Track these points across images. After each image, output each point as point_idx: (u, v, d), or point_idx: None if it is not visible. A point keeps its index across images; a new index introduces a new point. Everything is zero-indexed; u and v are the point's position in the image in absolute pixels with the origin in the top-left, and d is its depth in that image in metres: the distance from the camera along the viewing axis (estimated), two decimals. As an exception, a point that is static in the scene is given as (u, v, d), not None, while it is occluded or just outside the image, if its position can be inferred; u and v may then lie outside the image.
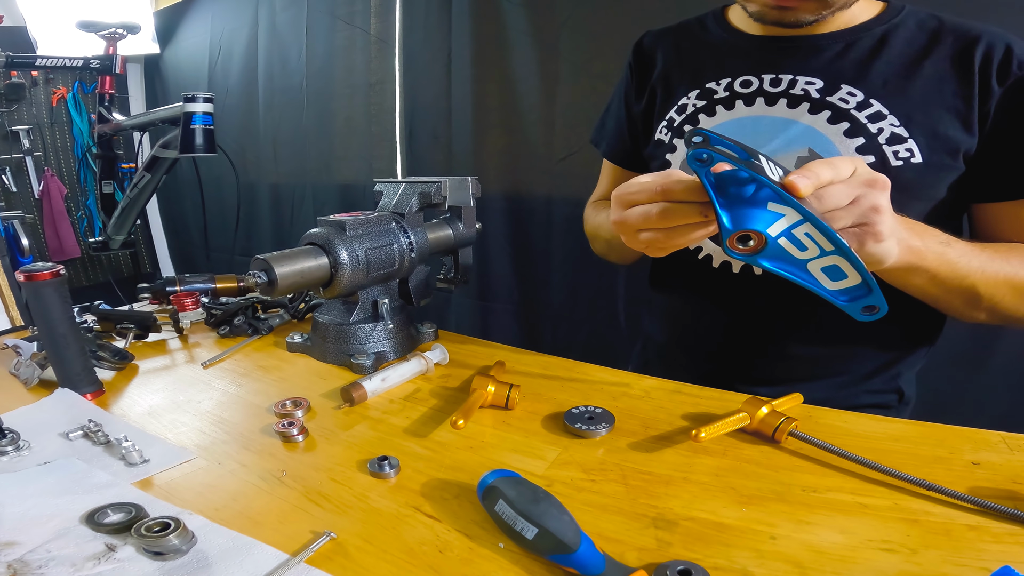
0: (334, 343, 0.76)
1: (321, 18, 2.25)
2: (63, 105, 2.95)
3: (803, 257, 0.42)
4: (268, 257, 0.67)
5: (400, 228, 0.79)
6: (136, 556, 0.39)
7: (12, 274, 1.49)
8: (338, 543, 0.41)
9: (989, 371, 1.17)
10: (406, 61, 2.04)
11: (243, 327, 0.90)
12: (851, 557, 0.38)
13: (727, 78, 0.70)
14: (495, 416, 0.61)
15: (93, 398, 0.67)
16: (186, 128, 1.21)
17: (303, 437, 0.57)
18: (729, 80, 0.69)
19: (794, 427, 0.52)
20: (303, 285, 0.70)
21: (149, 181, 1.48)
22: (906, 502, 0.44)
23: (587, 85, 1.56)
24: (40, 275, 0.62)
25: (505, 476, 0.43)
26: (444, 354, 0.75)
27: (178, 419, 0.62)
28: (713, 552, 0.39)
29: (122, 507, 0.43)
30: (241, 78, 2.65)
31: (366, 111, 2.18)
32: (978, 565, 0.37)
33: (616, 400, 0.63)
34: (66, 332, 0.65)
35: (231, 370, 0.76)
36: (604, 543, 0.40)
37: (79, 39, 1.80)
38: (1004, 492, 0.44)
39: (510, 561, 0.39)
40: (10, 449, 0.53)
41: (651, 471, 0.50)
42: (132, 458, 0.52)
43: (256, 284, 0.66)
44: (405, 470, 0.51)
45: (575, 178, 1.63)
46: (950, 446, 0.51)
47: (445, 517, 0.44)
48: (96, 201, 2.32)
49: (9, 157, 2.82)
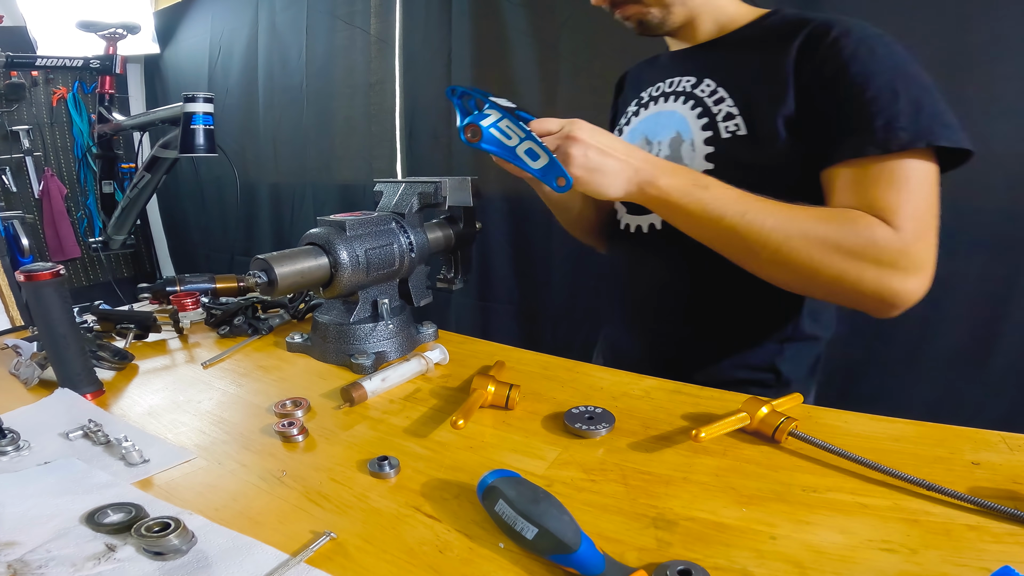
0: (334, 343, 0.76)
1: (321, 18, 2.25)
2: (63, 105, 2.95)
3: (510, 144, 0.63)
4: (268, 257, 0.67)
5: (400, 228, 0.79)
6: (136, 556, 0.39)
7: (12, 274, 1.49)
8: (338, 543, 0.41)
9: (989, 371, 1.17)
10: (406, 61, 2.04)
11: (243, 327, 0.90)
12: (851, 557, 0.38)
13: (650, 87, 0.85)
14: (495, 416, 0.61)
15: (93, 398, 0.67)
16: (186, 128, 1.21)
17: (303, 437, 0.57)
18: (650, 88, 0.85)
19: (794, 427, 0.52)
20: (303, 285, 0.70)
21: (149, 181, 1.47)
22: (906, 502, 0.44)
23: (587, 85, 1.56)
24: (40, 275, 0.62)
25: (505, 476, 0.43)
26: (444, 354, 0.75)
27: (178, 419, 0.62)
28: (713, 552, 0.39)
29: (122, 507, 0.43)
30: (241, 78, 2.65)
31: (366, 111, 2.18)
32: (978, 565, 0.37)
33: (616, 400, 0.64)
34: (66, 332, 0.65)
35: (231, 370, 0.76)
36: (604, 543, 0.40)
37: (79, 39, 1.80)
38: (1004, 492, 0.44)
39: (510, 561, 0.39)
40: (10, 449, 0.53)
41: (651, 471, 0.50)
42: (132, 458, 0.52)
43: (256, 284, 0.66)
44: (405, 470, 0.51)
45: (575, 178, 1.63)
46: (950, 446, 0.51)
47: (445, 517, 0.44)
48: (96, 201, 2.32)
49: (9, 157, 2.82)
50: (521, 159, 0.63)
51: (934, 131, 0.58)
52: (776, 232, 0.60)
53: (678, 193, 0.63)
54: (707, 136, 0.72)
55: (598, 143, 0.62)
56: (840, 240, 0.59)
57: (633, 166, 0.63)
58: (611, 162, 0.63)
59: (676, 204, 0.63)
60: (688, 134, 0.75)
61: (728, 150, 0.71)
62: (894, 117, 0.59)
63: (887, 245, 0.58)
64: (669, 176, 0.63)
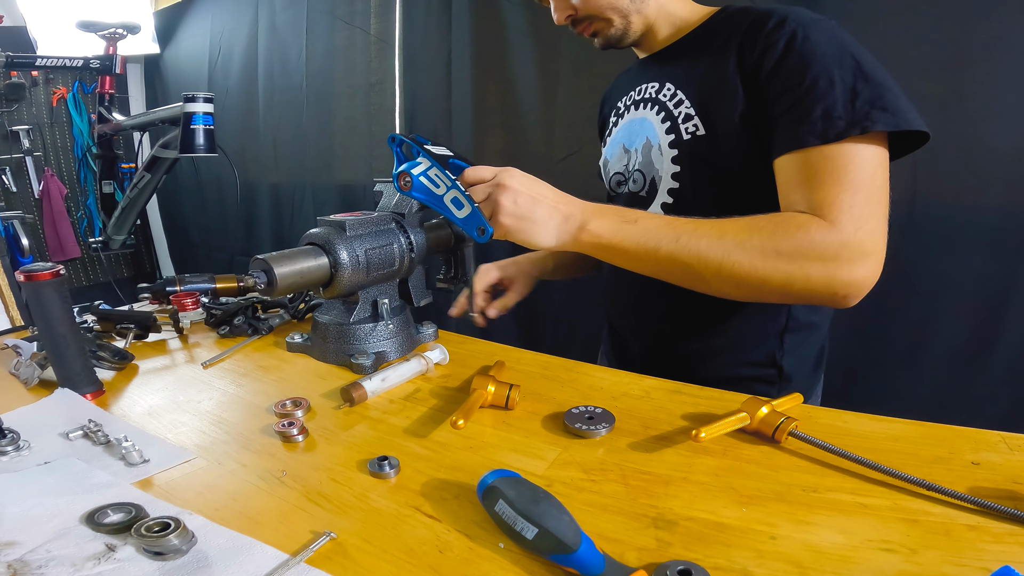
0: (334, 343, 0.76)
1: (321, 18, 2.25)
2: (63, 105, 2.95)
3: (438, 193, 0.64)
4: (268, 257, 0.67)
5: (400, 228, 0.79)
6: (136, 556, 0.39)
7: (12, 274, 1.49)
8: (338, 543, 0.41)
9: (989, 371, 1.17)
10: (406, 61, 2.04)
11: (243, 327, 0.90)
12: (851, 557, 0.38)
13: (623, 96, 0.86)
14: (495, 416, 0.61)
15: (93, 398, 0.67)
16: (186, 128, 1.21)
17: (303, 437, 0.57)
18: (624, 97, 0.86)
19: (794, 427, 0.52)
20: (303, 285, 0.70)
21: (149, 181, 1.47)
22: (906, 502, 0.44)
23: (587, 85, 1.56)
24: (40, 275, 0.62)
25: (505, 476, 0.43)
26: (444, 354, 0.75)
27: (178, 419, 0.62)
28: (713, 552, 0.39)
29: (122, 507, 0.43)
30: (241, 78, 2.65)
31: (366, 111, 2.18)
32: (978, 565, 0.37)
33: (616, 400, 0.64)
34: (66, 332, 0.65)
35: (231, 370, 0.76)
36: (604, 543, 0.40)
37: (79, 39, 1.80)
38: (1004, 492, 0.44)
39: (510, 561, 0.39)
40: (10, 449, 0.53)
41: (651, 471, 0.50)
42: (132, 458, 0.52)
43: (256, 285, 0.66)
44: (405, 470, 0.51)
45: (575, 178, 1.62)
46: (950, 446, 0.51)
47: (445, 517, 0.44)
48: (96, 201, 2.32)
49: (9, 157, 2.82)
50: (448, 207, 0.64)
51: (871, 116, 0.58)
52: (713, 250, 0.60)
53: (609, 233, 0.62)
54: (671, 139, 0.74)
55: (528, 190, 0.62)
56: (778, 245, 0.59)
57: (563, 213, 0.63)
58: (541, 210, 0.62)
59: (610, 244, 0.63)
60: (656, 139, 0.76)
61: (691, 150, 0.72)
62: (831, 106, 0.59)
63: (824, 241, 0.58)
64: (598, 218, 0.63)
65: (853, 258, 0.58)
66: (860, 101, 0.59)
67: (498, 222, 0.61)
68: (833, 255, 0.58)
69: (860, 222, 0.58)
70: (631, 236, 0.62)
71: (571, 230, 0.63)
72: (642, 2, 0.76)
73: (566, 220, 0.63)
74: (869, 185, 0.59)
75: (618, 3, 0.75)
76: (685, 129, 0.72)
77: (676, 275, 0.64)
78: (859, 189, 0.59)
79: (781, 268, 0.59)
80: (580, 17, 0.77)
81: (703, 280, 0.63)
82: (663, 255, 0.61)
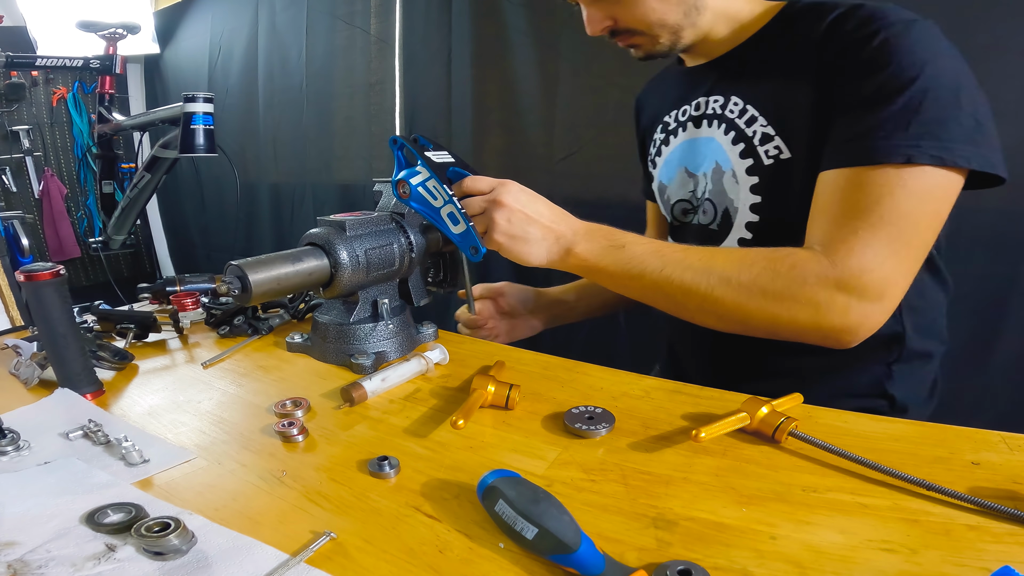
0: (334, 343, 0.76)
1: (321, 18, 2.26)
2: (63, 105, 2.95)
3: (436, 205, 0.65)
4: (243, 263, 0.64)
5: (400, 228, 0.79)
6: (136, 556, 0.39)
7: (12, 274, 1.49)
8: (338, 543, 0.41)
9: (989, 371, 1.17)
10: (406, 61, 2.04)
11: (243, 327, 0.90)
12: (851, 557, 0.38)
13: (674, 109, 0.78)
14: (495, 416, 0.61)
15: (93, 398, 0.67)
16: (186, 128, 1.21)
17: (303, 437, 0.57)
18: (675, 111, 0.78)
19: (794, 427, 0.52)
20: (281, 292, 0.67)
21: (149, 181, 1.47)
22: (906, 502, 0.44)
23: (587, 85, 1.56)
24: (40, 275, 0.62)
25: (505, 476, 0.43)
26: (444, 354, 0.75)
27: (178, 419, 0.62)
28: (713, 552, 0.39)
29: (122, 507, 0.43)
30: (241, 78, 2.65)
31: (366, 111, 2.18)
32: (978, 565, 0.37)
33: (616, 400, 0.63)
34: (66, 332, 0.65)
35: (231, 370, 0.76)
36: (604, 543, 0.40)
37: (79, 39, 1.80)
38: (1004, 492, 0.44)
39: (510, 561, 0.39)
40: (10, 449, 0.53)
41: (651, 471, 0.50)
42: (132, 458, 0.52)
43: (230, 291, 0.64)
44: (405, 470, 0.51)
45: (575, 178, 1.63)
46: (950, 446, 0.51)
47: (445, 517, 0.44)
48: (96, 201, 2.32)
49: (9, 157, 2.83)
50: (443, 221, 0.64)
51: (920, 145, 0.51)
52: (698, 283, 0.58)
53: (595, 257, 0.62)
54: (748, 164, 0.65)
55: (524, 208, 0.61)
56: (765, 285, 0.56)
57: (555, 233, 0.62)
58: (534, 230, 0.61)
59: (596, 268, 0.62)
60: (728, 164, 0.68)
61: (774, 177, 0.63)
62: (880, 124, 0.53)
63: (816, 284, 0.54)
64: (586, 241, 0.62)
65: (848, 304, 0.54)
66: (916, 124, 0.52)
67: (491, 239, 0.62)
68: (825, 300, 0.54)
69: (873, 265, 0.53)
70: (617, 261, 0.62)
71: (560, 251, 0.63)
72: (697, 14, 0.66)
73: (557, 240, 0.63)
74: (902, 221, 0.53)
75: (668, 19, 0.65)
76: (765, 152, 0.64)
77: (660, 303, 0.63)
78: (887, 225, 0.53)
79: (767, 308, 0.56)
80: (620, 29, 0.68)
81: (686, 311, 0.61)
82: (647, 282, 0.60)
